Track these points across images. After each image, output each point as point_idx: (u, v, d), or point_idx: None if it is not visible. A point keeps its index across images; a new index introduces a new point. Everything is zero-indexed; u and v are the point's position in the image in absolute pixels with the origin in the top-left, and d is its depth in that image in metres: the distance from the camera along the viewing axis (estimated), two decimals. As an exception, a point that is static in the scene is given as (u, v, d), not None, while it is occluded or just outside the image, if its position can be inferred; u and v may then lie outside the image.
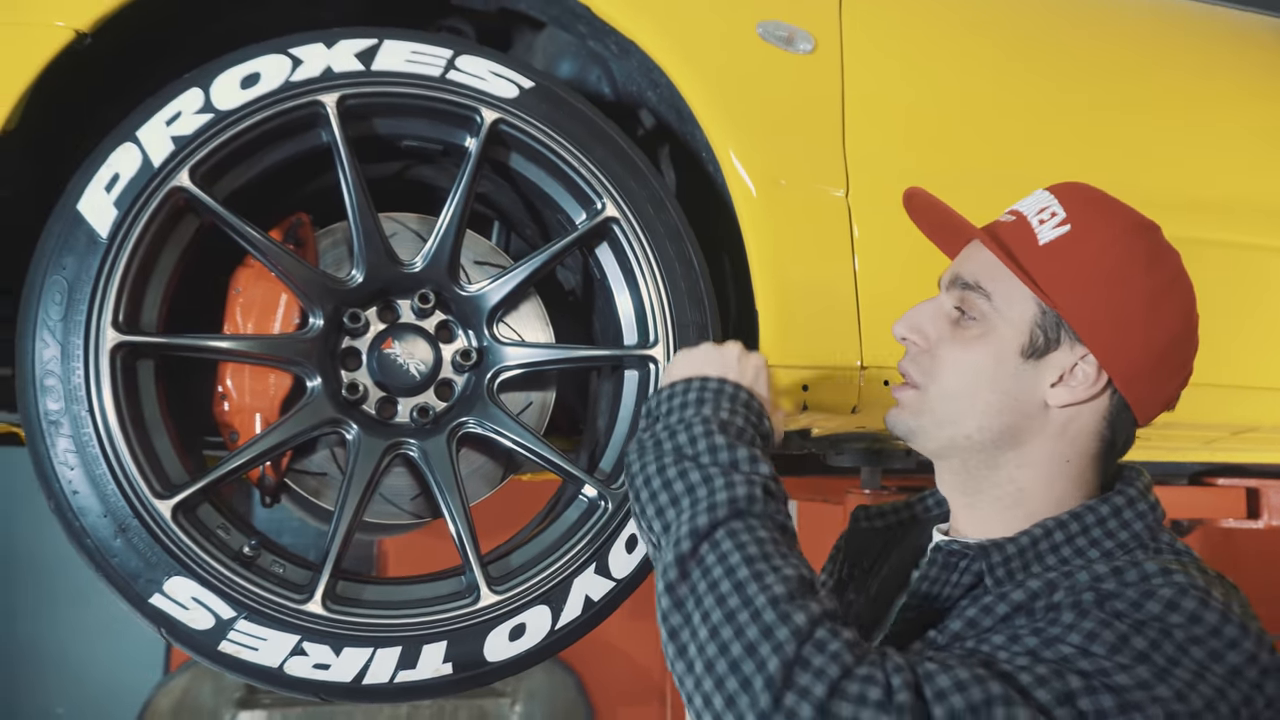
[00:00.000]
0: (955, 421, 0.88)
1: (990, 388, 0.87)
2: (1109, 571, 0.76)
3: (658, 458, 0.86)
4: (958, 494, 0.93)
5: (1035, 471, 0.87)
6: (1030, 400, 0.86)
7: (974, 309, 0.88)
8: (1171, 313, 0.87)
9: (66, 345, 0.93)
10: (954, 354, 0.88)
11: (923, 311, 0.92)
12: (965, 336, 0.88)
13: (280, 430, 1.02)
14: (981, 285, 0.88)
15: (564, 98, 1.13)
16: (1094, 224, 0.86)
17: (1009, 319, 0.87)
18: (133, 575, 0.93)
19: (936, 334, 0.90)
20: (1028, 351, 0.86)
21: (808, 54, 1.32)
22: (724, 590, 0.73)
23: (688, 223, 1.17)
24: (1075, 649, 0.70)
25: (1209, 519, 2.14)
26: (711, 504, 0.79)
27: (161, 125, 0.99)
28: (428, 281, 1.11)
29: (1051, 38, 1.53)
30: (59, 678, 3.35)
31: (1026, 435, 0.87)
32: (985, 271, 0.88)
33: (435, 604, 1.02)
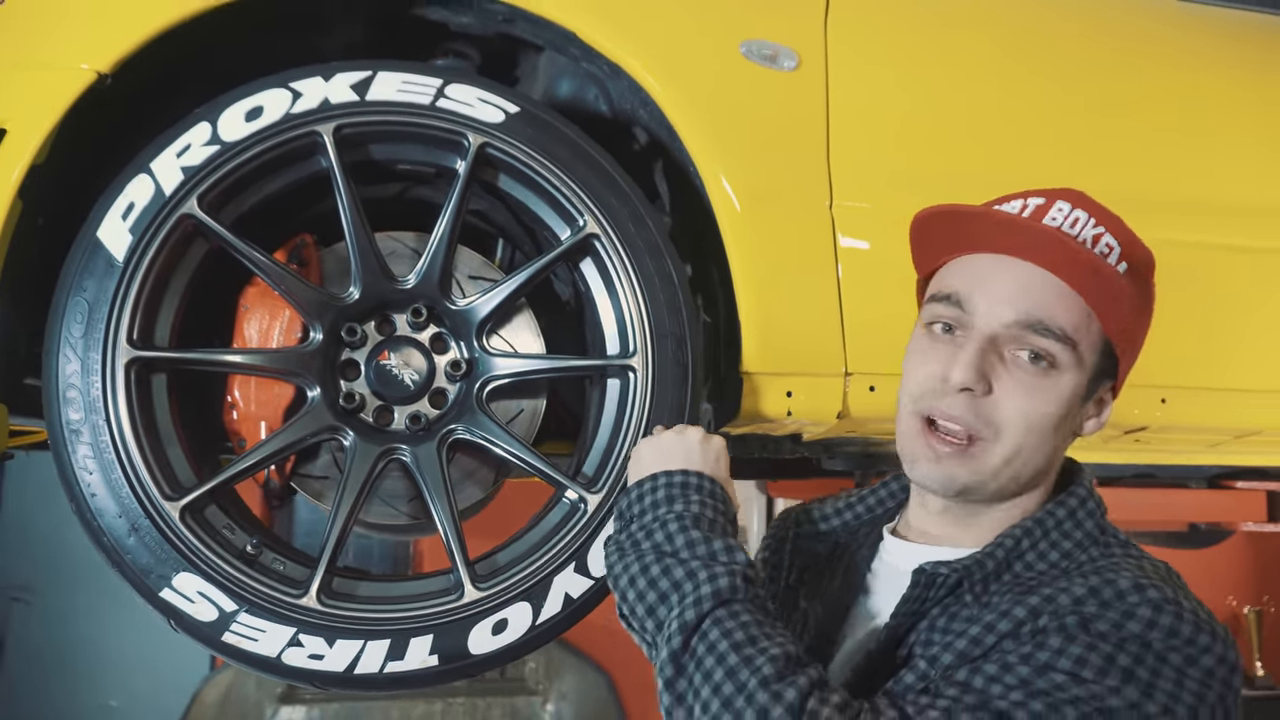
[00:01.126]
0: (1018, 470, 0.85)
1: (1057, 432, 0.85)
2: (1087, 593, 0.77)
3: (639, 557, 0.90)
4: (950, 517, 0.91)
5: (1043, 492, 0.90)
6: (1070, 435, 0.88)
7: (1049, 352, 0.83)
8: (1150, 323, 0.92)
9: (86, 361, 1.02)
10: (1028, 407, 0.83)
11: (983, 355, 0.84)
12: (1038, 386, 0.83)
13: (281, 437, 1.10)
14: (1068, 334, 0.83)
15: (548, 121, 1.19)
16: (1139, 262, 0.86)
17: (1084, 365, 0.84)
18: (145, 571, 1.01)
19: (998, 381, 0.84)
20: (1084, 394, 0.86)
21: (792, 71, 1.36)
22: (718, 679, 0.76)
23: (668, 238, 1.22)
24: (1067, 675, 0.72)
25: (1228, 522, 2.12)
26: (698, 598, 0.82)
27: (173, 157, 1.08)
28: (421, 296, 1.18)
29: (1037, 45, 1.55)
30: (113, 672, 3.53)
31: (1052, 469, 0.89)
32: (1067, 316, 0.83)
33: (423, 599, 1.09)
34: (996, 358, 0.83)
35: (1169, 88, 1.59)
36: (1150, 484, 2.14)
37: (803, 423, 1.39)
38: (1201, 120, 1.59)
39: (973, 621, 0.80)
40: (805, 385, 1.34)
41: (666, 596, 0.85)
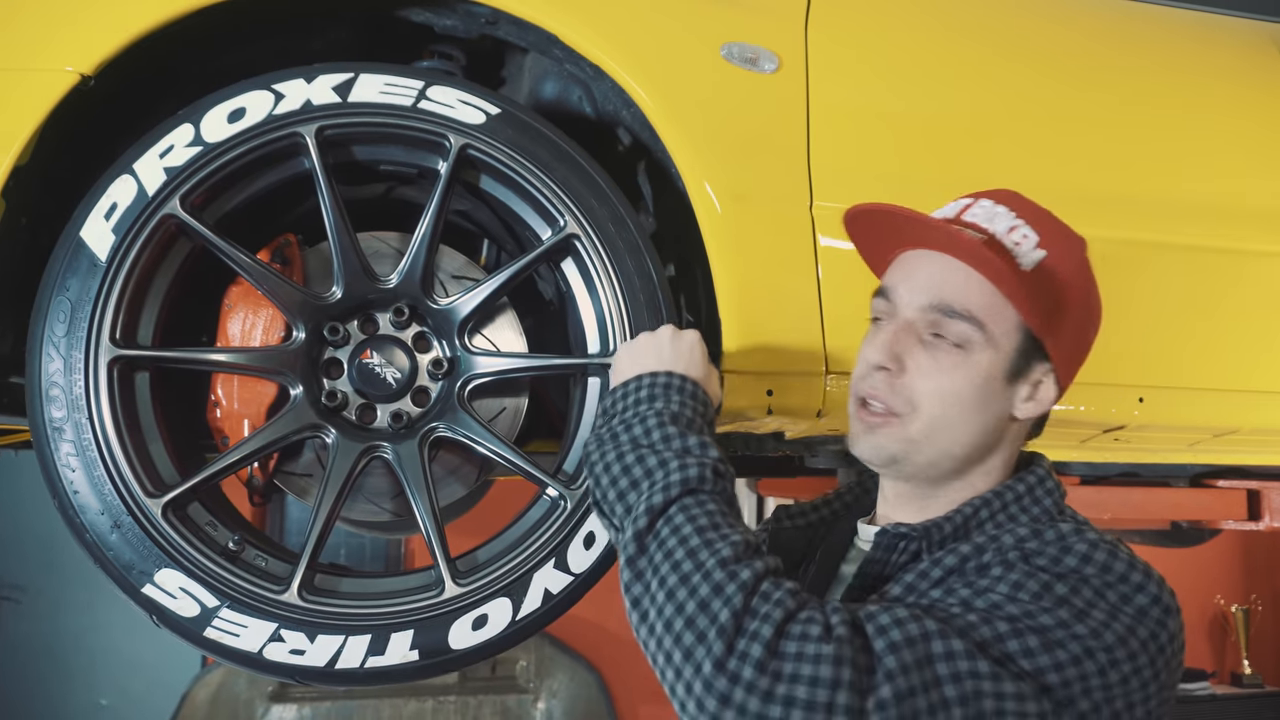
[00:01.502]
0: (941, 449, 0.90)
1: (977, 412, 0.89)
2: (1030, 533, 0.84)
3: (616, 447, 0.94)
4: (907, 501, 0.96)
5: (994, 477, 0.94)
6: (1003, 416, 0.91)
7: (957, 334, 0.88)
8: (1098, 316, 0.94)
9: (69, 359, 1.03)
10: (936, 384, 0.89)
11: (897, 338, 0.91)
12: (949, 364, 0.89)
13: (263, 435, 1.11)
14: (972, 313, 0.88)
15: (528, 122, 1.20)
16: (1063, 245, 0.91)
17: (998, 345, 0.88)
18: (127, 567, 1.02)
19: (912, 360, 0.90)
20: (1009, 375, 0.90)
21: (772, 73, 1.38)
22: (678, 557, 0.80)
23: (648, 237, 1.24)
24: (1004, 596, 0.78)
25: (1209, 520, 2.14)
26: (666, 484, 0.86)
27: (155, 158, 1.09)
28: (403, 296, 1.20)
29: (1019, 46, 1.57)
30: (105, 671, 3.53)
31: (994, 448, 0.93)
32: (975, 299, 0.88)
33: (404, 595, 1.10)
34: (915, 340, 0.90)
35: (1147, 89, 1.61)
36: (1134, 482, 2.16)
37: (783, 421, 1.40)
38: (1178, 121, 1.61)
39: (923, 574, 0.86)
40: (785, 384, 1.35)
41: (638, 483, 0.89)
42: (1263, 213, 1.59)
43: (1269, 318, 1.56)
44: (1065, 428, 1.58)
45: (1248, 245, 1.56)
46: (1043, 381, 0.91)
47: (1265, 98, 1.66)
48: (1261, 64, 1.68)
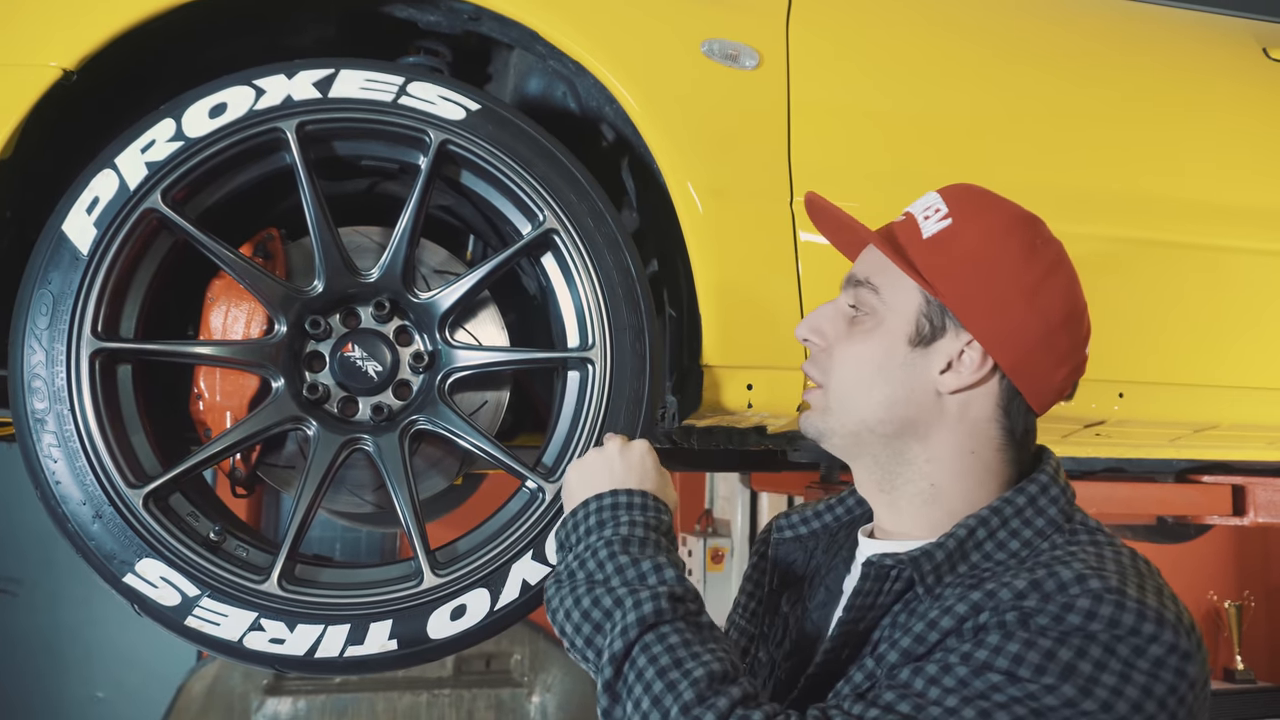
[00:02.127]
0: (854, 415, 0.91)
1: (883, 379, 0.90)
2: (1029, 585, 0.77)
3: (573, 589, 0.91)
4: (876, 493, 0.94)
5: (944, 466, 0.90)
6: (923, 389, 0.89)
7: (865, 304, 0.92)
8: (1052, 300, 0.88)
9: (51, 351, 1.05)
10: (847, 349, 0.92)
11: (822, 313, 0.95)
12: (858, 332, 0.92)
13: (245, 427, 1.12)
14: (870, 280, 0.92)
15: (508, 118, 1.21)
16: (974, 217, 0.90)
17: (896, 310, 0.90)
18: (108, 556, 1.04)
19: (834, 333, 0.93)
20: (915, 340, 0.89)
21: (753, 70, 1.39)
22: (645, 708, 0.79)
23: (627, 232, 1.25)
24: (1004, 675, 0.73)
25: (1194, 515, 2.15)
26: (624, 626, 0.84)
27: (137, 152, 1.10)
28: (385, 290, 1.21)
29: (1002, 42, 1.58)
30: (100, 664, 3.55)
31: (927, 427, 0.89)
32: (874, 268, 0.93)
33: (383, 586, 1.11)
34: (841, 316, 0.94)
35: (1129, 86, 1.62)
36: (1120, 478, 2.17)
37: (764, 415, 1.41)
38: (1158, 119, 1.62)
39: (922, 618, 0.81)
40: (765, 378, 1.37)
41: (600, 627, 0.87)
42: (1243, 209, 1.60)
43: (1247, 313, 1.58)
44: (1047, 423, 1.58)
45: (1227, 242, 1.57)
46: (965, 352, 0.88)
47: (1247, 94, 1.67)
48: (1243, 61, 1.68)
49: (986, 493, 0.90)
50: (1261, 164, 1.62)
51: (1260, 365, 1.59)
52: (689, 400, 1.39)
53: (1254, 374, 1.58)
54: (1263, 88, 1.67)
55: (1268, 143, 1.64)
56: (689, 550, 3.95)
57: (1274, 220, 1.62)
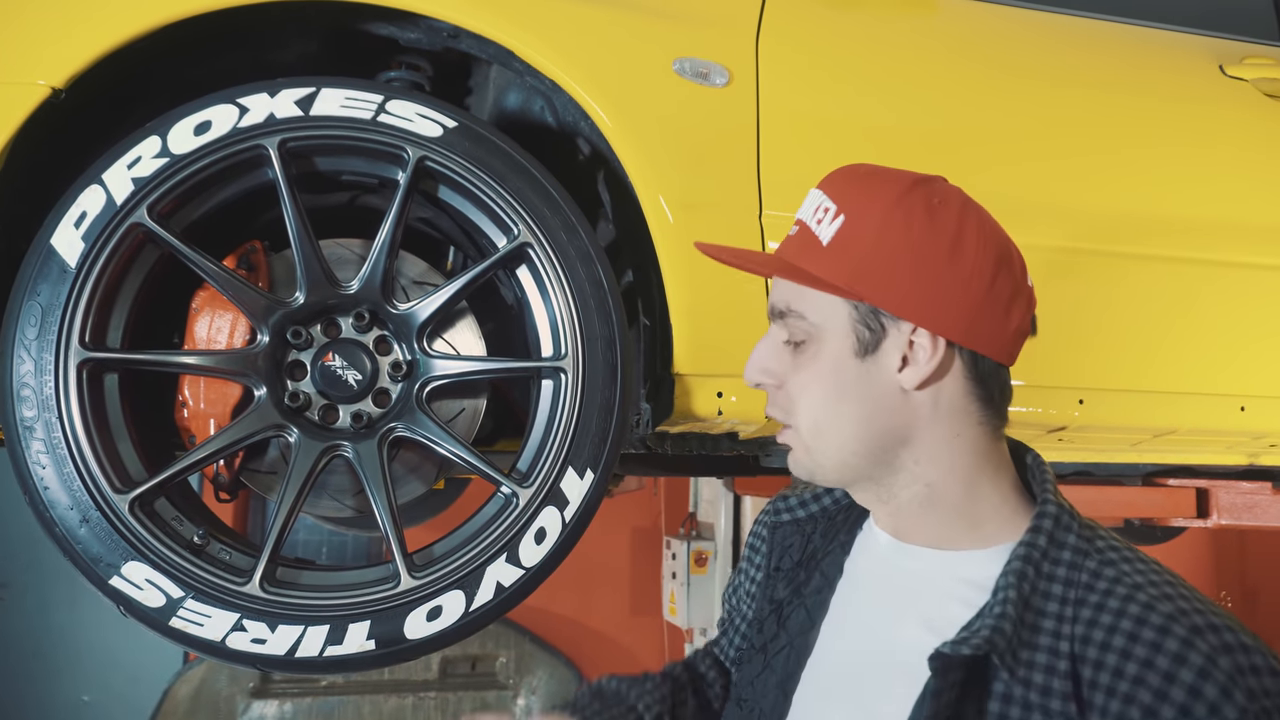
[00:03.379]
0: (835, 445, 0.86)
1: (847, 399, 0.84)
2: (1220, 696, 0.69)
3: None
4: (877, 504, 0.90)
5: (935, 462, 0.85)
6: (888, 393, 0.84)
7: (797, 332, 0.87)
8: (974, 252, 0.83)
9: (40, 361, 1.08)
10: (801, 383, 0.86)
11: (762, 352, 0.90)
12: (803, 362, 0.87)
13: (228, 434, 1.16)
14: (792, 308, 0.86)
15: (484, 135, 1.26)
16: (864, 204, 0.84)
17: (829, 329, 0.85)
18: (95, 559, 1.07)
19: (781, 368, 0.88)
20: (859, 351, 0.84)
21: (723, 87, 1.43)
22: None
23: (599, 245, 1.29)
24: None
25: (1160, 518, 2.21)
26: None
27: (124, 168, 1.14)
28: (364, 301, 1.25)
29: (970, 59, 1.63)
30: (88, 666, 3.56)
31: (906, 429, 0.85)
32: (791, 294, 0.87)
33: (361, 588, 1.15)
34: (783, 349, 0.88)
35: (1099, 100, 1.67)
36: (1087, 481, 2.23)
37: (734, 422, 1.46)
38: (1122, 132, 1.67)
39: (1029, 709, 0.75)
40: (735, 386, 1.41)
41: None
42: (1200, 223, 1.66)
43: (1202, 321, 1.63)
44: (1009, 428, 1.65)
45: (1182, 252, 1.63)
46: (914, 342, 0.83)
47: (1205, 111, 1.72)
48: (1200, 77, 1.74)
49: (980, 474, 0.85)
50: (1216, 178, 1.68)
51: (1215, 372, 1.64)
52: (662, 407, 1.44)
53: (1209, 380, 1.63)
54: (1218, 104, 1.73)
55: (1223, 157, 1.70)
56: (673, 553, 3.99)
57: (1230, 232, 1.67)
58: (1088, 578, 0.79)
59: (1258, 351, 1.68)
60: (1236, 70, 1.75)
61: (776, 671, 0.92)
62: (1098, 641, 0.74)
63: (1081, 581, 0.78)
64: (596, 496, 1.23)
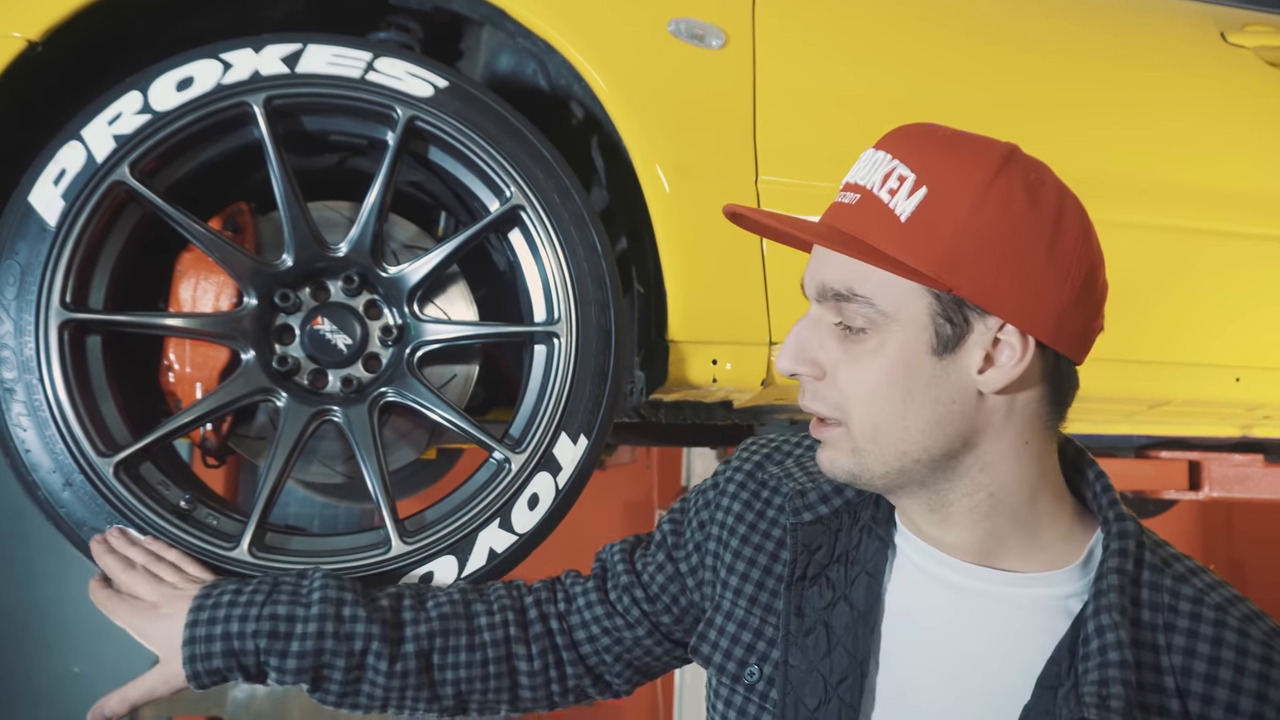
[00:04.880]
0: (894, 450, 0.76)
1: (917, 402, 0.75)
2: None
3: None
4: (925, 513, 0.81)
5: (1000, 469, 0.77)
6: (965, 397, 0.75)
7: (858, 319, 0.76)
8: (1074, 240, 0.74)
9: (20, 322, 1.06)
10: (859, 379, 0.76)
11: (804, 337, 0.79)
12: (862, 354, 0.76)
13: (214, 398, 1.14)
14: (858, 292, 0.75)
15: (476, 95, 1.23)
16: (953, 176, 0.74)
17: (903, 320, 0.74)
18: (78, 524, 1.05)
19: (829, 359, 0.78)
20: (938, 348, 0.75)
21: (719, 49, 1.41)
22: None
23: (593, 209, 1.27)
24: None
25: (1152, 490, 2.21)
26: None
27: (104, 125, 1.10)
28: (354, 264, 1.22)
29: (971, 21, 1.60)
30: (76, 638, 3.55)
31: (975, 434, 0.76)
32: (854, 275, 0.75)
33: (352, 553, 1.14)
34: (827, 335, 0.78)
35: (1097, 69, 1.64)
36: (1081, 454, 2.23)
37: (729, 390, 1.45)
38: (1121, 101, 1.65)
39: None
40: (730, 354, 1.40)
41: None
42: (1198, 191, 1.64)
43: (1199, 292, 1.62)
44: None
45: (1182, 222, 1.61)
46: (1000, 340, 0.74)
47: (1204, 79, 1.70)
48: (1200, 45, 1.72)
49: (1041, 480, 0.79)
50: (1214, 146, 1.66)
51: (1211, 342, 1.63)
52: (656, 375, 1.42)
53: (1205, 351, 1.63)
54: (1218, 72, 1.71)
55: (1222, 125, 1.68)
56: (665, 527, 4.00)
57: (1228, 201, 1.66)
58: (1169, 595, 0.75)
59: (1253, 322, 1.67)
60: (1238, 38, 1.73)
61: (845, 701, 0.80)
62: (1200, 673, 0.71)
63: (1164, 603, 0.74)
64: (590, 462, 1.21)
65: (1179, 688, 0.71)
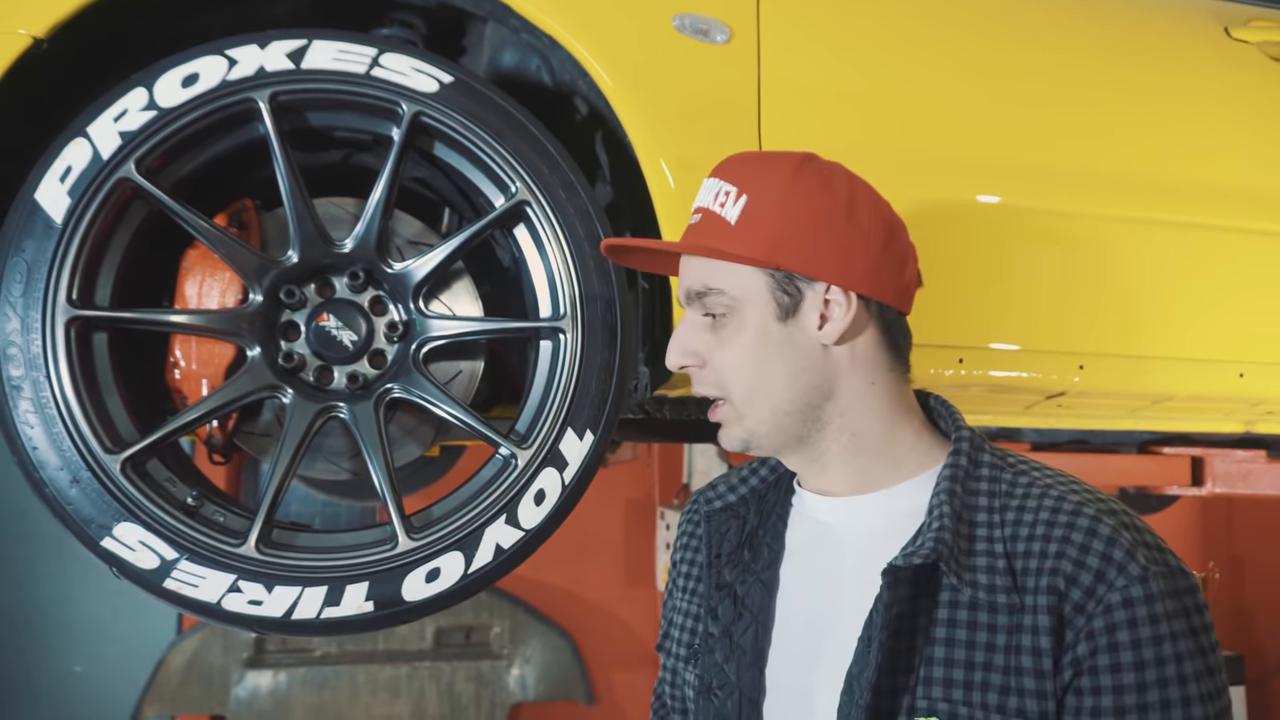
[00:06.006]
0: (769, 409, 0.91)
1: (773, 362, 0.91)
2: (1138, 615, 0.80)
3: None
4: (808, 465, 0.96)
5: (855, 412, 0.92)
6: (811, 352, 0.91)
7: (718, 307, 0.92)
8: (867, 212, 0.92)
9: (26, 319, 1.06)
10: (728, 355, 0.92)
11: (683, 335, 0.95)
12: (727, 336, 0.92)
13: (220, 394, 1.14)
14: (711, 286, 0.92)
15: (481, 90, 1.23)
16: (763, 182, 0.92)
17: (750, 299, 0.91)
18: (86, 521, 1.05)
19: (705, 348, 0.93)
20: (781, 315, 0.91)
21: (724, 44, 1.41)
22: None
23: (599, 204, 1.27)
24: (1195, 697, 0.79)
25: (1155, 486, 2.21)
26: None
27: (110, 121, 1.10)
28: (359, 260, 1.22)
29: (976, 18, 1.60)
30: (79, 637, 3.55)
31: (829, 383, 0.92)
32: (707, 273, 0.93)
33: (359, 549, 1.14)
34: (701, 329, 0.94)
35: (1102, 65, 1.64)
36: (1084, 449, 2.23)
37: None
38: (1126, 97, 1.65)
39: (992, 629, 0.82)
40: (734, 349, 1.39)
41: None
42: (1203, 187, 1.64)
43: (1204, 287, 1.62)
44: (1010, 394, 1.64)
45: (1187, 218, 1.61)
46: (829, 300, 0.90)
47: (1209, 74, 1.70)
48: (1204, 40, 1.72)
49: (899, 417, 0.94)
50: (1218, 142, 1.66)
51: (1215, 337, 1.63)
52: (661, 371, 1.42)
53: (1209, 346, 1.63)
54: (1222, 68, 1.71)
55: (1227, 120, 1.68)
56: (667, 524, 4.00)
57: (1233, 197, 1.66)
58: (1006, 487, 0.88)
59: (1257, 318, 1.67)
60: (1242, 33, 1.73)
61: (747, 651, 0.94)
62: (1024, 536, 0.84)
63: (1001, 490, 0.88)
64: (596, 458, 1.21)
65: (1008, 551, 0.85)
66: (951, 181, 1.50)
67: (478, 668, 3.70)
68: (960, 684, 0.82)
